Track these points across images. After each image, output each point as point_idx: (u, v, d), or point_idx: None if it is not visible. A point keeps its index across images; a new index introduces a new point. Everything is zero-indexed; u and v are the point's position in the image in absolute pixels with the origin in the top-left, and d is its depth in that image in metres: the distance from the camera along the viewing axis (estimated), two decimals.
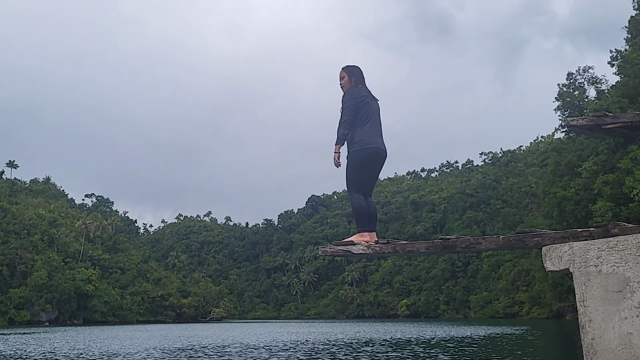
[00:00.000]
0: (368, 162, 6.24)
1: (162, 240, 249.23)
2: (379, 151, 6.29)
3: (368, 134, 6.21)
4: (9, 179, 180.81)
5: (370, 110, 6.32)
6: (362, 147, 6.17)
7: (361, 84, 6.48)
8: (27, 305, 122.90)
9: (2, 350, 27.40)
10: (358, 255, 5.69)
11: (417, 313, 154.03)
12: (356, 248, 5.65)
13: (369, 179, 6.34)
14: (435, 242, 5.29)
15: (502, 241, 5.01)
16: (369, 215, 6.26)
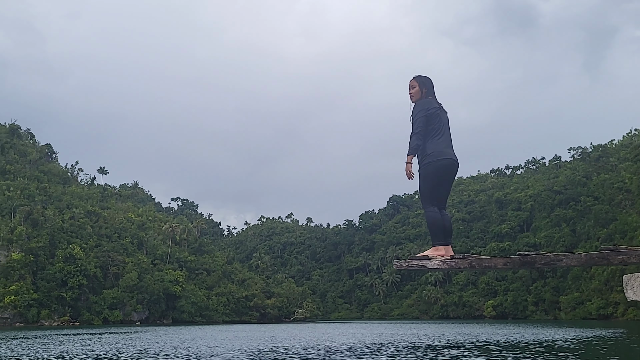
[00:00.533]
0: (442, 174, 6.10)
1: (246, 242, 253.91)
2: (452, 162, 6.14)
3: (440, 146, 6.10)
4: (100, 184, 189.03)
5: (441, 122, 6.22)
6: (435, 159, 6.04)
7: (431, 95, 6.43)
8: (119, 305, 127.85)
9: (96, 350, 28.28)
10: (433, 270, 5.53)
11: (503, 314, 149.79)
12: (431, 263, 5.52)
13: (443, 191, 6.22)
14: (513, 258, 5.07)
15: (585, 258, 4.76)
16: (443, 228, 6.19)
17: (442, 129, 6.21)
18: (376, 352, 25.25)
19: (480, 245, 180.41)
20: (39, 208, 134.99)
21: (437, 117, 6.21)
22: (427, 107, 6.23)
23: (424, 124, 6.15)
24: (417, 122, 6.18)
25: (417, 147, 6.09)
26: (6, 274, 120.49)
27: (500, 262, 5.18)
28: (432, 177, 6.07)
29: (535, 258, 4.91)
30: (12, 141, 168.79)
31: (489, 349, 26.61)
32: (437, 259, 5.56)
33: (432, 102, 6.30)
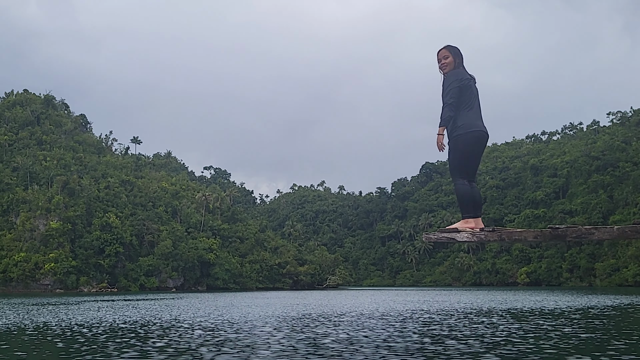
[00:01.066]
0: (472, 147, 6.12)
1: (278, 210, 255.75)
2: (483, 134, 6.15)
3: (471, 118, 6.08)
4: (134, 154, 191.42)
5: (472, 94, 6.17)
6: (466, 131, 6.01)
7: (462, 66, 6.30)
8: (155, 272, 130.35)
9: (131, 316, 28.74)
10: (462, 242, 5.54)
11: (537, 281, 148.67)
12: (460, 236, 5.52)
13: (472, 164, 6.24)
14: (543, 231, 4.99)
15: (617, 232, 4.70)
16: (473, 201, 6.15)
17: (473, 100, 6.13)
18: (409, 318, 25.13)
19: (514, 212, 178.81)
20: (75, 177, 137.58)
21: (469, 88, 6.15)
22: (460, 78, 6.13)
23: (457, 95, 6.03)
24: (450, 93, 6.03)
25: (449, 118, 6.01)
26: (45, 242, 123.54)
27: (530, 235, 5.13)
28: (462, 150, 6.05)
29: (566, 231, 4.84)
30: (48, 112, 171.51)
31: (524, 316, 26.28)
32: (466, 231, 5.56)
33: (465, 73, 6.21)
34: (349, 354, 12.87)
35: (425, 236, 5.98)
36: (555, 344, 14.67)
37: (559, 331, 18.16)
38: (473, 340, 15.72)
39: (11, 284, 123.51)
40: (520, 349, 13.65)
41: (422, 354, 12.90)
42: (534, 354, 12.79)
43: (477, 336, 16.69)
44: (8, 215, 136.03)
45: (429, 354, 12.87)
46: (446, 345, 14.61)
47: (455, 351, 13.53)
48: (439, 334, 17.78)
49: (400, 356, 12.60)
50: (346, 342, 15.48)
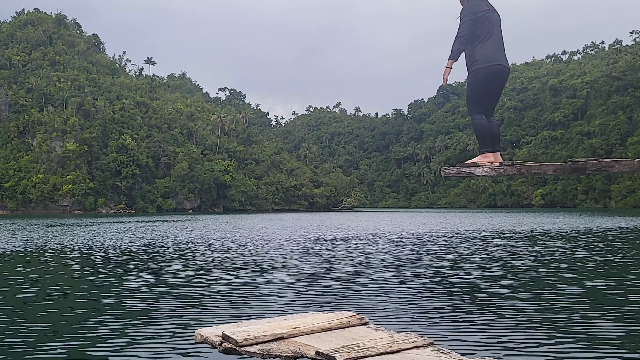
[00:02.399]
0: (491, 81, 5.74)
1: (294, 132, 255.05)
2: (503, 69, 5.74)
3: (490, 51, 5.70)
4: (148, 75, 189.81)
5: (491, 25, 5.78)
6: (485, 65, 5.66)
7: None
8: (172, 194, 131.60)
9: (150, 237, 29.02)
10: (482, 177, 5.50)
11: (552, 203, 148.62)
12: (479, 170, 5.40)
13: (491, 99, 5.89)
14: (563, 164, 4.94)
15: (637, 165, 4.70)
16: (491, 135, 5.92)
17: (492, 31, 5.79)
18: (425, 240, 25.06)
19: (532, 134, 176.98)
20: (90, 99, 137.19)
21: (486, 20, 5.76)
22: (475, 11, 5.77)
23: (470, 27, 5.72)
24: (463, 25, 5.74)
25: (458, 51, 5.72)
26: (62, 164, 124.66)
27: (550, 168, 5.06)
28: (481, 84, 5.74)
29: (586, 164, 4.81)
30: (60, 32, 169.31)
31: (539, 239, 26.14)
32: (485, 165, 5.41)
33: (482, 5, 5.82)
34: (366, 278, 12.74)
35: (444, 171, 5.67)
36: (575, 269, 14.46)
37: (579, 254, 17.95)
38: (494, 264, 15.55)
39: (30, 205, 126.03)
40: (542, 274, 13.45)
41: (440, 278, 12.74)
42: (555, 278, 12.58)
43: (496, 259, 16.53)
44: (25, 137, 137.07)
45: (447, 278, 12.71)
46: (464, 269, 14.44)
47: (475, 277, 13.34)
48: (455, 257, 17.63)
49: (417, 281, 12.44)
50: (362, 265, 15.38)
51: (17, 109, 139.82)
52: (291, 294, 10.69)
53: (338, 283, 12.10)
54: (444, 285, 11.84)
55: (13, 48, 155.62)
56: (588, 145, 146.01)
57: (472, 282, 12.11)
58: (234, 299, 10.28)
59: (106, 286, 11.99)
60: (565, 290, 11.04)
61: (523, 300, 9.97)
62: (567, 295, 10.41)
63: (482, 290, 11.02)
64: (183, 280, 12.68)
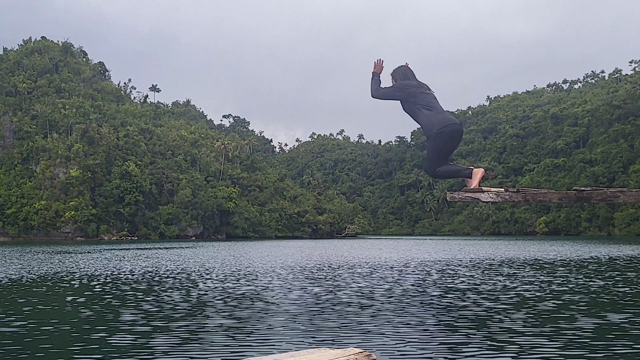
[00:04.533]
0: (451, 140, 6.07)
1: (297, 159, 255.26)
2: (458, 127, 6.10)
3: (443, 115, 6.12)
4: (152, 102, 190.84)
5: (430, 96, 6.25)
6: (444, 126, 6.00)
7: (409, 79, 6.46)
8: (175, 221, 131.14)
9: (153, 264, 28.58)
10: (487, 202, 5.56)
11: (556, 230, 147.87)
12: (485, 196, 5.43)
13: (448, 154, 6.21)
14: (569, 193, 5.00)
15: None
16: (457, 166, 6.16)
17: (435, 104, 6.22)
18: (431, 269, 24.59)
19: (534, 161, 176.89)
20: (94, 126, 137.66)
21: (426, 96, 6.25)
22: (412, 85, 6.36)
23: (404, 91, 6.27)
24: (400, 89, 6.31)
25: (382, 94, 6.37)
26: (65, 190, 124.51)
27: (555, 196, 5.12)
28: (442, 144, 6.05)
29: (591, 194, 4.86)
30: (66, 59, 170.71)
31: (545, 266, 25.64)
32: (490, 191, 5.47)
33: (418, 87, 6.34)
34: (373, 309, 12.30)
35: (450, 195, 5.76)
36: (593, 299, 13.98)
37: (591, 284, 17.48)
38: (504, 295, 15.08)
39: (32, 232, 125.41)
40: (555, 305, 12.97)
41: (449, 310, 12.29)
42: (570, 310, 12.12)
43: (506, 290, 16.07)
44: (28, 163, 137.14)
45: (456, 310, 12.25)
46: (473, 300, 13.98)
47: (485, 308, 12.88)
48: (462, 287, 17.16)
49: (424, 312, 12.00)
50: (368, 296, 14.94)
51: (21, 136, 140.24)
52: (296, 328, 10.27)
53: (344, 315, 11.67)
54: (453, 317, 11.40)
55: (19, 75, 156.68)
56: (590, 172, 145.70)
57: (482, 314, 11.66)
58: (235, 333, 9.86)
59: (99, 319, 11.56)
60: (583, 324, 10.59)
61: (539, 335, 9.53)
62: (584, 330, 9.96)
63: (494, 323, 10.58)
64: (182, 313, 12.25)
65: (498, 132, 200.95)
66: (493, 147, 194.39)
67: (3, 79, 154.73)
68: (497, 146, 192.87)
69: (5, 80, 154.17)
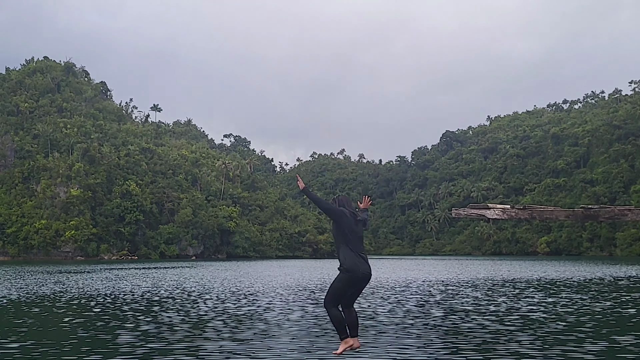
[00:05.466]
0: (354, 285, 6.41)
1: None
2: (367, 275, 6.44)
3: (357, 260, 6.37)
4: (154, 121, 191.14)
5: (356, 233, 6.50)
6: (352, 273, 6.34)
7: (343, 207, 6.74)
8: (175, 240, 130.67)
9: (155, 283, 28.32)
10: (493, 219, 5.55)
11: (557, 250, 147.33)
12: (491, 212, 5.41)
13: (353, 296, 6.53)
14: (576, 211, 5.01)
15: None
16: (348, 324, 6.50)
17: (356, 237, 6.51)
18: (433, 289, 24.32)
19: (535, 181, 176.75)
20: (96, 145, 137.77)
21: (352, 230, 6.49)
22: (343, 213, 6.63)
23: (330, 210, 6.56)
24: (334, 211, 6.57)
25: (314, 199, 6.62)
26: (66, 210, 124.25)
27: (562, 214, 5.09)
28: (345, 286, 6.39)
29: (599, 212, 4.84)
30: (68, 79, 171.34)
31: (549, 287, 25.37)
32: (497, 208, 5.45)
33: (351, 218, 6.58)
34: (374, 331, 12.07)
35: (455, 211, 5.82)
36: (599, 320, 13.74)
37: (596, 306, 17.22)
38: (509, 316, 14.83)
39: (32, 252, 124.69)
40: (561, 328, 12.74)
41: (454, 332, 12.05)
42: (581, 332, 11.88)
43: (511, 311, 15.82)
44: (29, 182, 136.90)
45: (461, 332, 12.01)
46: (478, 321, 13.74)
47: (491, 331, 12.65)
48: (466, 309, 16.92)
49: (429, 335, 11.77)
50: (368, 315, 14.70)
51: (22, 155, 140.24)
52: (297, 349, 10.04)
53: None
54: (458, 339, 11.16)
55: (21, 95, 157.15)
56: (591, 192, 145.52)
57: (488, 337, 11.43)
58: (236, 356, 9.64)
59: (97, 340, 11.34)
60: (591, 347, 10.36)
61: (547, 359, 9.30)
62: (593, 353, 9.74)
63: (500, 346, 10.35)
64: (181, 335, 12.03)
65: (499, 151, 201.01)
66: (494, 166, 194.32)
67: (5, 98, 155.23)
68: (497, 166, 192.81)
69: (7, 99, 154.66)
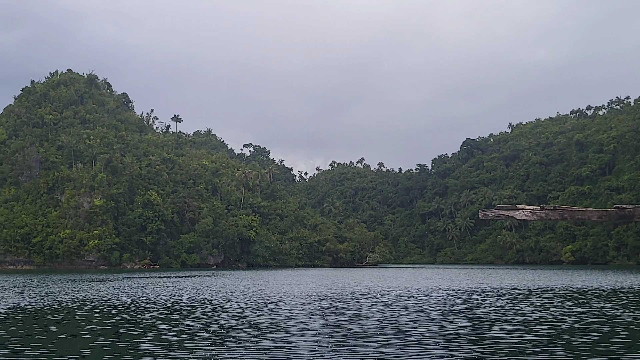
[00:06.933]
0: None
1: (317, 187, 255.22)
2: None
3: None
4: (174, 132, 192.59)
5: None
6: None
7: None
8: (196, 249, 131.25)
9: (176, 291, 28.35)
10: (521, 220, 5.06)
11: (582, 259, 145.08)
12: (520, 213, 5.34)
13: None
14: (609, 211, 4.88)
15: None
16: None
17: None
18: (455, 297, 24.02)
19: (559, 189, 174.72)
20: (118, 156, 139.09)
21: None
22: None
23: None
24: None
25: None
26: (89, 219, 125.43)
27: (594, 214, 4.95)
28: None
29: (634, 212, 4.64)
30: (91, 91, 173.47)
31: (577, 297, 24.93)
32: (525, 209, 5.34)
33: None
34: (396, 340, 11.89)
35: (482, 213, 5.69)
36: (632, 331, 13.43)
37: (626, 316, 16.86)
38: (538, 327, 14.56)
39: (57, 260, 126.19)
40: (594, 339, 12.45)
41: (480, 343, 11.83)
42: (614, 344, 11.60)
43: (539, 321, 15.54)
44: (54, 193, 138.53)
45: (488, 343, 11.79)
46: (507, 331, 13.48)
47: (521, 341, 12.41)
48: (491, 318, 16.65)
49: (450, 343, 11.56)
50: (391, 324, 14.51)
51: (47, 166, 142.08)
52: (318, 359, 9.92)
53: (368, 346, 11.28)
54: (485, 349, 10.93)
55: (46, 107, 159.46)
56: (617, 200, 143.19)
57: (518, 346, 11.18)
58: None
59: (118, 348, 11.29)
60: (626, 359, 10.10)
61: None
62: None
63: (531, 358, 10.11)
64: (203, 344, 11.95)
65: (521, 159, 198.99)
66: (516, 174, 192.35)
67: (31, 111, 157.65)
68: (520, 174, 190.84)
69: (32, 112, 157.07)
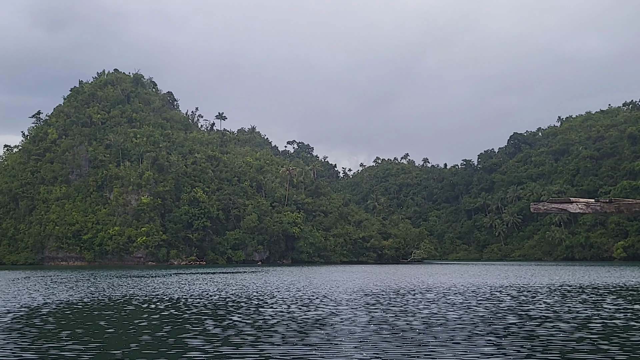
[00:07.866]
0: None
1: (361, 184, 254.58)
2: None
3: None
4: (219, 130, 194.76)
5: None
6: None
7: None
8: (241, 246, 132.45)
9: (223, 286, 28.59)
10: (573, 214, 4.74)
11: (635, 256, 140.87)
12: (573, 207, 5.06)
13: None
14: None
15: None
16: None
17: None
18: (503, 294, 23.54)
19: (610, 183, 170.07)
20: (164, 154, 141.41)
21: None
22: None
23: None
24: None
25: None
26: (137, 217, 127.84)
27: None
28: None
29: None
30: (137, 90, 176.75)
31: (631, 294, 24.15)
32: (579, 202, 5.11)
33: None
34: (443, 337, 11.66)
35: (534, 206, 5.44)
36: None
37: None
38: (589, 323, 14.13)
39: (107, 257, 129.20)
40: None
41: (527, 339, 11.52)
42: None
43: (593, 319, 15.09)
44: (103, 190, 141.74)
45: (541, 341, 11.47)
46: (561, 329, 13.12)
47: (574, 339, 12.05)
48: (542, 315, 16.24)
49: (500, 339, 11.28)
50: (438, 321, 14.27)
51: (96, 164, 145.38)
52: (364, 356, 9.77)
53: (414, 343, 11.09)
54: (536, 346, 10.63)
55: (94, 107, 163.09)
56: None
57: (570, 345, 10.84)
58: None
59: (165, 343, 11.37)
60: None
61: None
62: None
63: (584, 356, 9.78)
64: (248, 339, 11.94)
65: (570, 153, 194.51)
66: (565, 169, 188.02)
67: (79, 110, 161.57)
68: (569, 168, 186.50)
69: (81, 111, 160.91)
